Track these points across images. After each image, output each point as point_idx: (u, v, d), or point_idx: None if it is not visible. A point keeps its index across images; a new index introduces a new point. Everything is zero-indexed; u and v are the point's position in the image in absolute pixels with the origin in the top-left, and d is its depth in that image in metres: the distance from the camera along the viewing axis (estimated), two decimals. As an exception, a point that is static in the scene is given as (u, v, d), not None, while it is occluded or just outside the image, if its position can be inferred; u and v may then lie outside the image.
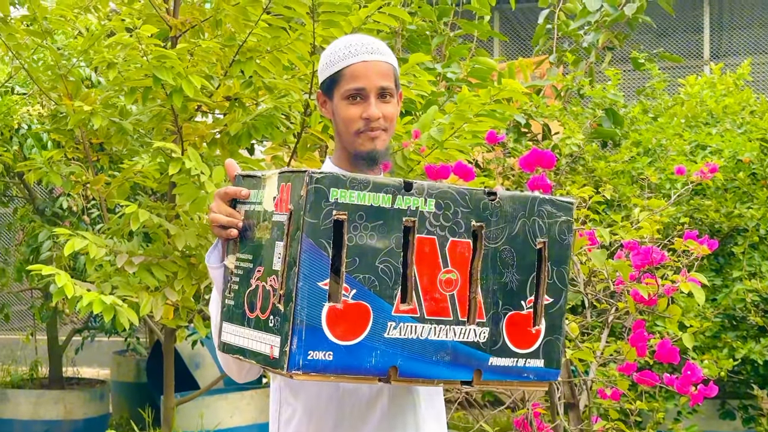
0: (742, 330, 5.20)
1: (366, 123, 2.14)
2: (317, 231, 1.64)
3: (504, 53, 10.71)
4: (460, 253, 1.75)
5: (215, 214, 1.89)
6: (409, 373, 1.71)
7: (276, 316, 1.68)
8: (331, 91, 2.18)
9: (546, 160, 2.68)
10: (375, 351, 1.68)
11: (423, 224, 1.72)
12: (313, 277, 1.64)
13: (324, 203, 1.64)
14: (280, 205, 1.72)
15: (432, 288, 1.73)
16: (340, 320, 1.65)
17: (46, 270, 3.77)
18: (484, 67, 5.60)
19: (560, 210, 1.86)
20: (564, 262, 1.86)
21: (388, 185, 1.69)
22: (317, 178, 1.64)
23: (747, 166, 5.30)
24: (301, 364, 1.63)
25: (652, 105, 6.54)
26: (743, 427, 5.65)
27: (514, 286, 1.81)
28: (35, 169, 4.50)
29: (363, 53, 2.16)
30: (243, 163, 4.36)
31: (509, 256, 1.80)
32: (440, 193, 1.74)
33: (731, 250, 5.24)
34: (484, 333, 1.78)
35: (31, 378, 7.22)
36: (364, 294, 1.67)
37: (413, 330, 1.71)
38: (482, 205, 1.78)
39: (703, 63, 10.25)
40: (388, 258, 1.69)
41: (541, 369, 1.85)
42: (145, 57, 3.89)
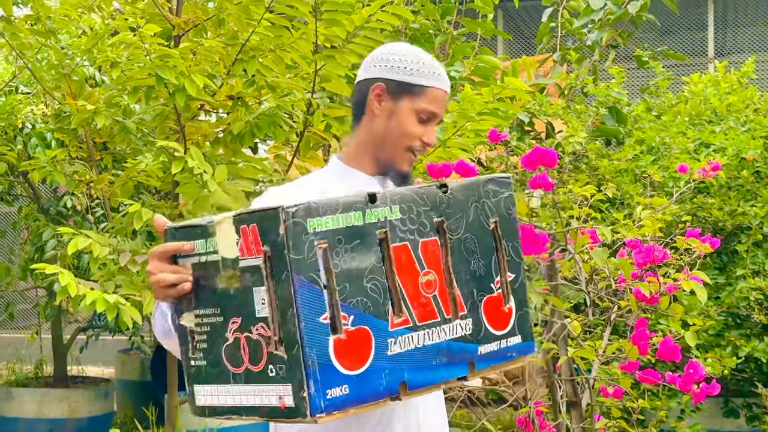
0: (746, 328, 5.20)
1: (422, 146, 2.16)
2: (305, 266, 1.57)
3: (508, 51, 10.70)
4: (432, 252, 1.75)
5: (159, 275, 1.73)
6: (417, 384, 1.70)
7: (278, 365, 1.59)
8: (403, 95, 2.15)
9: (548, 158, 2.68)
10: (383, 372, 1.65)
11: (394, 233, 1.69)
12: (312, 313, 1.57)
13: (305, 236, 1.58)
14: (246, 249, 1.61)
15: (417, 294, 1.71)
16: (346, 350, 1.60)
17: (50, 269, 3.78)
18: (488, 65, 5.59)
19: (502, 187, 1.89)
20: (515, 237, 1.89)
21: (355, 202, 1.65)
22: (293, 212, 1.57)
23: (751, 164, 5.30)
24: (324, 406, 1.56)
25: (656, 103, 6.53)
26: (747, 425, 5.64)
27: (481, 272, 1.82)
28: (39, 168, 4.51)
29: (446, 83, 2.18)
30: (246, 162, 4.37)
31: (472, 243, 1.81)
32: (401, 198, 1.72)
33: (735, 248, 5.24)
34: (468, 325, 1.79)
35: (35, 376, 7.24)
36: (361, 318, 1.63)
37: (411, 340, 1.70)
38: (438, 199, 1.77)
39: (708, 61, 10.24)
40: (373, 275, 1.66)
41: (520, 345, 1.88)
42: (148, 56, 3.90)
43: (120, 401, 7.67)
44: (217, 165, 4.01)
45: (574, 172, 5.52)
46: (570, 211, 3.19)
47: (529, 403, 3.32)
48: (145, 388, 7.37)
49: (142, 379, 7.62)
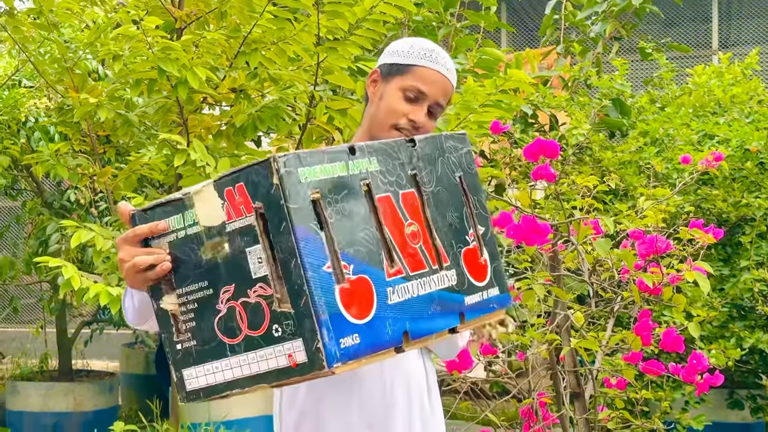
0: (750, 320, 5.19)
1: (408, 123, 2.16)
2: (303, 215, 1.52)
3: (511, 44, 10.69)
4: (411, 204, 1.73)
5: (135, 259, 1.64)
6: (418, 333, 1.66)
7: (284, 322, 1.52)
8: (392, 77, 2.19)
9: (549, 149, 2.68)
10: (387, 321, 1.61)
11: (376, 184, 1.67)
12: (316, 263, 1.52)
13: (299, 185, 1.53)
14: (234, 210, 1.56)
15: (405, 244, 1.69)
16: (352, 299, 1.56)
17: (53, 262, 3.78)
18: (491, 57, 5.58)
19: (460, 142, 1.88)
20: (479, 191, 1.89)
21: (338, 152, 1.62)
22: (285, 161, 1.51)
23: (754, 155, 5.29)
24: (339, 355, 1.50)
25: (660, 95, 6.52)
26: (751, 416, 5.64)
27: (456, 224, 1.81)
28: (42, 162, 4.51)
29: (441, 65, 2.18)
30: (249, 155, 4.37)
31: (444, 196, 1.80)
32: (377, 149, 1.69)
33: (739, 239, 5.23)
34: (453, 276, 1.77)
35: (40, 370, 7.25)
36: (360, 267, 1.59)
37: (407, 290, 1.67)
38: (409, 153, 1.76)
39: (712, 53, 10.21)
40: (365, 225, 1.62)
41: (499, 297, 1.87)
42: (150, 49, 3.89)
43: (125, 395, 7.69)
44: (220, 158, 4.01)
45: (577, 164, 5.51)
46: (573, 202, 3.19)
47: (532, 395, 3.32)
48: (150, 381, 7.39)
49: (147, 373, 7.64)
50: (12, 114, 5.64)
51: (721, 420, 5.56)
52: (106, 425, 4.89)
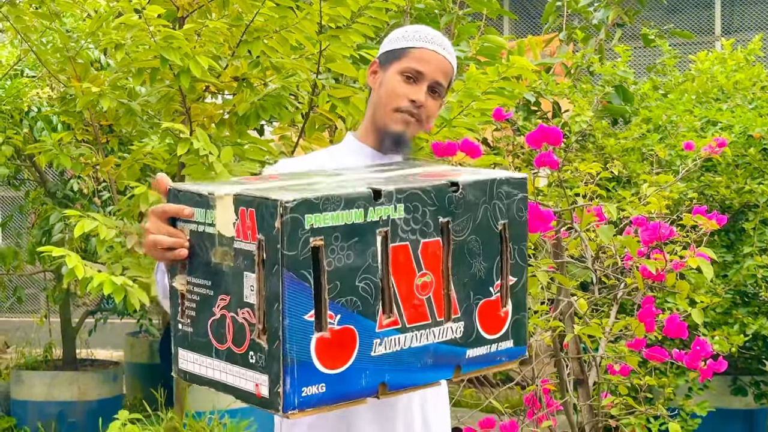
0: (754, 306, 5.19)
1: (409, 105, 2.16)
2: (297, 262, 1.53)
3: (513, 31, 10.66)
4: (432, 253, 1.70)
5: (155, 236, 1.70)
6: (397, 385, 1.67)
7: (258, 353, 1.57)
8: (390, 63, 2.20)
9: (552, 136, 2.67)
10: (364, 372, 1.62)
11: (395, 232, 1.65)
12: (297, 311, 1.54)
13: (300, 232, 1.54)
14: (243, 232, 1.58)
15: (410, 295, 1.67)
16: (329, 349, 1.58)
17: (57, 251, 3.78)
18: (494, 45, 5.57)
19: (516, 188, 1.82)
20: (523, 240, 1.84)
21: (358, 199, 1.60)
22: (291, 207, 1.52)
23: (758, 141, 5.28)
24: (297, 403, 1.54)
25: (663, 81, 6.51)
26: (755, 403, 5.65)
27: (482, 275, 1.77)
28: (45, 152, 4.51)
29: (437, 45, 2.19)
30: (252, 143, 4.37)
31: (475, 246, 1.76)
32: (408, 196, 1.66)
33: (742, 226, 5.23)
34: (459, 328, 1.75)
35: (45, 360, 7.26)
36: (348, 317, 1.59)
37: (397, 342, 1.66)
38: (447, 199, 1.72)
39: (714, 39, 10.18)
40: (367, 275, 1.61)
41: (511, 349, 1.84)
42: (152, 38, 3.89)
43: (129, 384, 7.70)
44: (223, 146, 4.01)
45: (580, 152, 5.51)
46: (576, 189, 3.19)
47: (536, 382, 3.32)
48: (154, 370, 7.39)
49: (151, 362, 7.65)
50: (15, 104, 5.64)
51: (725, 406, 5.56)
52: (111, 414, 4.89)
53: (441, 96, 2.20)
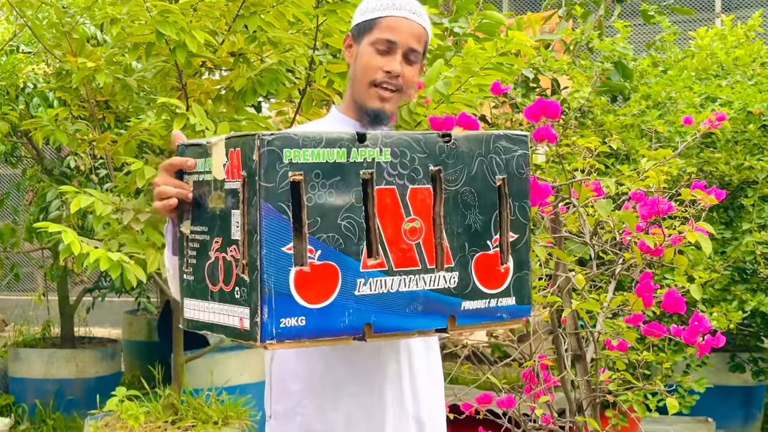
0: (752, 283, 5.19)
1: (385, 76, 2.14)
2: (275, 195, 1.58)
3: (512, 8, 10.61)
4: (421, 200, 1.72)
5: (161, 187, 1.79)
6: (384, 327, 1.68)
7: (242, 287, 1.62)
8: (362, 36, 2.19)
9: (551, 110, 2.66)
10: (347, 310, 1.64)
11: (381, 175, 1.68)
12: (275, 242, 1.58)
13: (278, 165, 1.59)
14: (231, 171, 1.65)
15: (397, 239, 1.69)
16: (309, 283, 1.61)
17: (53, 227, 3.77)
18: (492, 21, 5.53)
19: (516, 144, 1.84)
20: (525, 197, 1.85)
21: (341, 139, 1.64)
22: (269, 140, 1.58)
23: (757, 117, 5.26)
24: (275, 333, 1.58)
25: (662, 58, 6.48)
26: (753, 379, 5.65)
27: (478, 227, 1.78)
28: (41, 127, 4.49)
29: (406, 10, 2.17)
30: (249, 119, 4.35)
31: (470, 197, 1.77)
32: (395, 141, 1.70)
33: (741, 202, 5.21)
34: (453, 278, 1.76)
35: (43, 337, 7.27)
36: (329, 254, 1.63)
37: (383, 284, 1.68)
38: (438, 148, 1.74)
39: (714, 15, 10.14)
40: (350, 214, 1.65)
41: (513, 307, 1.84)
42: (148, 12, 3.86)
43: (127, 361, 7.71)
44: (219, 122, 3.99)
45: (579, 128, 5.48)
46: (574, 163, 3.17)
47: (533, 357, 3.32)
48: (152, 348, 7.40)
49: (149, 340, 7.65)
50: (10, 80, 5.61)
51: (723, 383, 5.57)
52: (109, 391, 4.89)
53: (418, 61, 2.19)
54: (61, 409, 6.61)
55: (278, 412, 2.17)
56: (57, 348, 6.90)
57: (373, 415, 2.11)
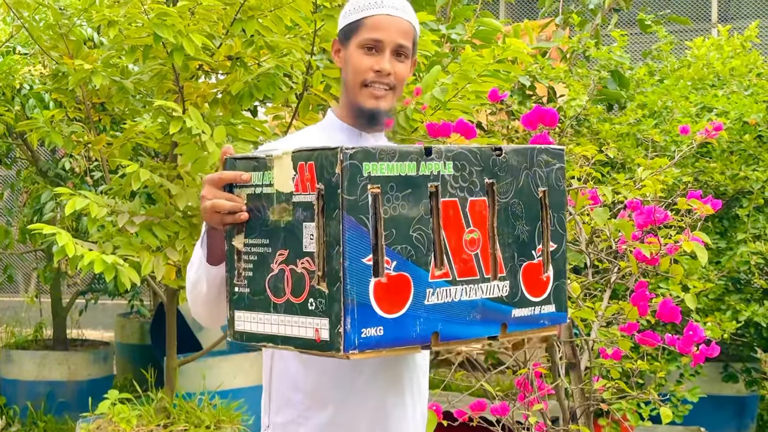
0: (746, 293, 5.19)
1: (376, 75, 2.13)
2: (356, 207, 1.63)
3: (509, 15, 10.62)
4: (479, 212, 1.78)
5: (214, 201, 1.81)
6: (449, 336, 1.74)
7: (318, 299, 1.66)
8: (348, 38, 2.17)
9: (548, 117, 2.66)
10: (418, 319, 1.70)
11: (445, 187, 1.74)
12: (357, 254, 1.63)
13: (359, 178, 1.63)
14: (302, 185, 1.68)
15: (459, 249, 1.75)
16: (386, 294, 1.66)
17: (48, 229, 3.76)
18: (489, 28, 5.54)
19: (555, 157, 1.91)
20: (562, 208, 1.92)
21: (411, 153, 1.70)
22: (351, 153, 1.62)
23: (753, 128, 5.26)
24: (357, 343, 1.63)
25: (659, 67, 6.49)
26: (746, 389, 5.65)
27: (525, 237, 1.85)
28: (37, 129, 4.48)
29: (389, 7, 2.15)
30: (246, 123, 4.34)
31: (519, 209, 1.84)
32: (456, 155, 1.75)
33: (736, 212, 5.22)
34: (505, 287, 1.82)
35: (35, 339, 7.24)
36: (403, 264, 1.68)
37: (448, 293, 1.74)
38: (492, 161, 1.80)
39: (711, 26, 10.16)
40: (419, 225, 1.70)
41: (553, 314, 1.91)
42: (146, 15, 3.86)
43: (119, 364, 7.69)
44: (216, 126, 3.98)
45: (575, 136, 5.49)
46: (571, 171, 3.17)
47: (528, 365, 3.31)
48: (145, 351, 7.38)
49: (142, 343, 7.63)
50: (6, 81, 5.59)
51: (716, 393, 5.57)
52: (101, 394, 4.88)
53: (408, 57, 2.17)
54: (53, 411, 6.59)
55: (278, 423, 2.15)
56: (49, 350, 6.87)
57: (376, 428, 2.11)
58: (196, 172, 4.09)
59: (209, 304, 2.04)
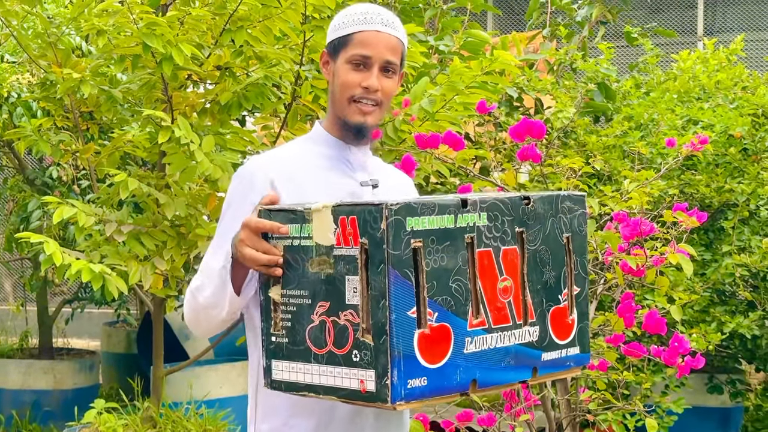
0: (731, 305, 5.21)
1: (363, 92, 2.15)
2: (400, 261, 1.67)
3: (497, 27, 10.67)
4: (511, 260, 1.83)
5: (252, 253, 1.86)
6: (486, 383, 1.79)
7: (363, 351, 1.70)
8: (337, 53, 2.18)
9: (536, 129, 2.68)
10: (458, 368, 1.74)
11: (480, 238, 1.78)
12: (402, 307, 1.67)
13: (403, 233, 1.68)
14: (343, 239, 1.73)
15: (494, 298, 1.80)
16: (429, 345, 1.70)
17: (35, 237, 3.75)
18: (477, 40, 5.56)
19: (576, 204, 1.97)
20: (584, 252, 1.99)
21: (449, 206, 1.74)
22: (395, 209, 1.67)
23: (738, 141, 5.30)
24: (404, 394, 1.66)
25: (645, 80, 6.52)
26: (731, 401, 5.67)
27: (552, 283, 1.91)
28: (24, 137, 4.47)
29: (377, 23, 2.16)
30: (234, 133, 4.35)
31: (546, 255, 1.90)
32: (490, 206, 1.80)
33: (721, 225, 5.25)
34: (535, 332, 1.87)
35: (20, 348, 7.22)
36: (444, 315, 1.72)
37: (485, 341, 1.78)
38: (521, 211, 1.86)
39: (697, 39, 10.22)
40: (458, 276, 1.75)
41: (578, 355, 1.97)
42: (135, 25, 3.86)
43: (105, 373, 7.66)
44: (205, 135, 3.98)
45: (562, 148, 5.51)
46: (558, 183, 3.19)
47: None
48: (131, 360, 7.36)
49: (128, 352, 7.61)
50: (-6, 89, 5.59)
51: (701, 404, 5.59)
52: (87, 403, 4.87)
53: (395, 72, 2.19)
54: (38, 420, 6.56)
55: (263, 430, 2.15)
56: (35, 359, 6.85)
57: None
58: (184, 181, 4.09)
59: (221, 326, 2.10)
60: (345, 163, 2.22)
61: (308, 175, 2.16)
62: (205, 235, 4.06)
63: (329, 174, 2.19)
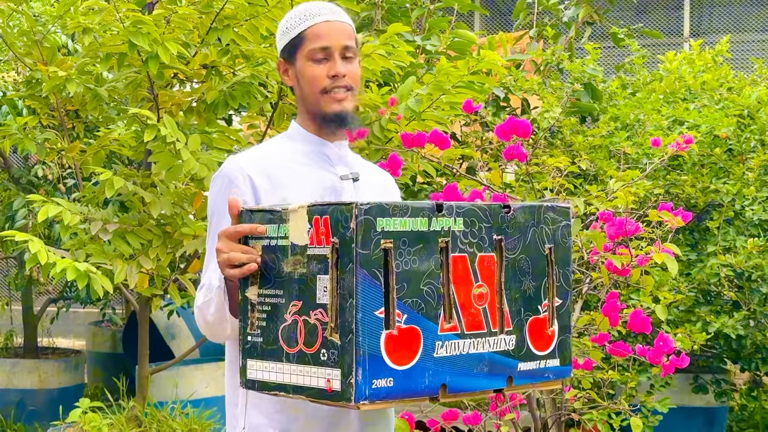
0: (716, 305, 5.23)
1: (332, 81, 2.16)
2: (369, 261, 1.67)
3: (484, 27, 10.68)
4: (487, 267, 1.83)
5: (230, 254, 1.86)
6: (456, 388, 1.78)
7: (330, 350, 1.70)
8: (293, 55, 2.20)
9: (522, 129, 2.68)
10: (427, 372, 1.74)
11: (455, 243, 1.78)
12: (369, 307, 1.67)
13: (373, 233, 1.68)
14: (317, 238, 1.73)
15: (468, 303, 1.79)
16: (396, 346, 1.70)
17: (20, 236, 3.74)
18: (464, 40, 5.57)
19: (561, 215, 1.96)
20: (567, 264, 1.97)
21: (423, 209, 1.74)
22: (365, 209, 1.67)
23: (724, 141, 5.31)
24: (368, 394, 1.66)
25: (631, 80, 6.54)
26: (716, 401, 5.69)
27: (531, 293, 1.90)
28: (9, 136, 4.46)
29: (324, 14, 2.19)
30: (220, 132, 4.34)
31: (525, 265, 1.89)
32: (466, 212, 1.80)
33: (707, 225, 5.26)
34: (512, 341, 1.86)
35: (5, 347, 7.19)
36: (414, 317, 1.72)
37: (456, 346, 1.78)
38: (500, 218, 1.85)
39: (683, 40, 10.25)
40: (430, 280, 1.74)
41: (558, 368, 1.96)
42: (121, 23, 3.85)
43: (91, 372, 7.64)
44: (191, 134, 3.98)
45: (548, 148, 5.52)
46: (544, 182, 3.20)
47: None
48: (116, 359, 7.35)
49: (113, 351, 7.60)
50: (-21, 87, 5.57)
51: (686, 404, 5.60)
52: (72, 402, 4.85)
53: (355, 56, 2.21)
54: (23, 419, 6.54)
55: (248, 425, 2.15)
56: (19, 358, 6.83)
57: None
58: (170, 180, 4.08)
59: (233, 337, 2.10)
60: (323, 158, 2.23)
61: (287, 171, 2.17)
62: (191, 233, 4.05)
63: (309, 169, 2.20)
